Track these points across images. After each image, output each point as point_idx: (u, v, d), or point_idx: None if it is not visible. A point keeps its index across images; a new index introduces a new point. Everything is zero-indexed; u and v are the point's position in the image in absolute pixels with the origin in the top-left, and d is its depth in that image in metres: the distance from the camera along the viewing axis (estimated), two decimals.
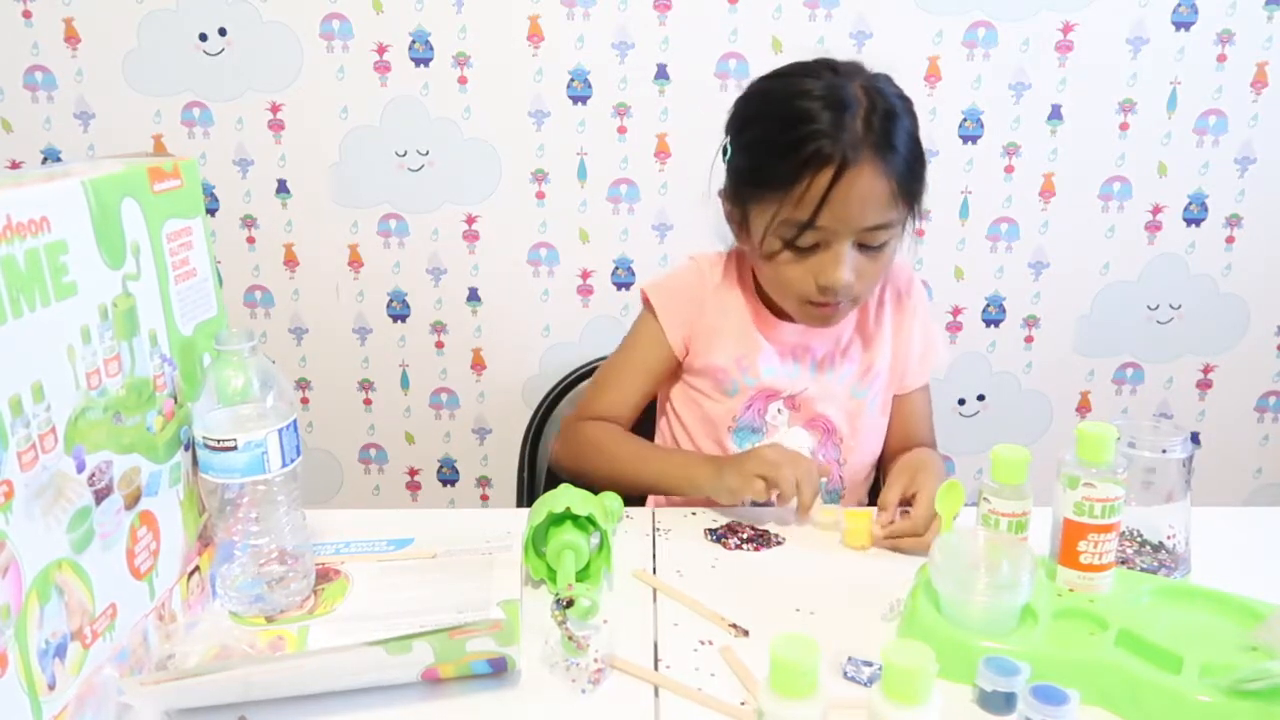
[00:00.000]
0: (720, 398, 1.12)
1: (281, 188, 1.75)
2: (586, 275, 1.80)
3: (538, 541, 0.86)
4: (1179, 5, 1.65)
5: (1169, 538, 0.84)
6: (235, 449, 0.74)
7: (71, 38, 1.66)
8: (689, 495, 1.03)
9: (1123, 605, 0.76)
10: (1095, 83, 1.69)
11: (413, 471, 1.93)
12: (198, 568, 0.79)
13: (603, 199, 1.75)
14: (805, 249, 0.99)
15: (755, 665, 0.73)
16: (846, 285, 0.99)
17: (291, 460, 0.77)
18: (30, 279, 0.58)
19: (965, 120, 1.72)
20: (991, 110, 1.71)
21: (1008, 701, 0.66)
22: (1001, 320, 1.84)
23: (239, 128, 1.71)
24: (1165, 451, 0.81)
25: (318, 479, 1.91)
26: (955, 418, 1.89)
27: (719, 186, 1.09)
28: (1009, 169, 1.74)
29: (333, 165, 1.73)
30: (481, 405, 1.88)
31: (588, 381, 1.30)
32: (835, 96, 0.96)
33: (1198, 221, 1.78)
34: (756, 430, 1.12)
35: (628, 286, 1.80)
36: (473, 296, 1.81)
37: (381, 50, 1.67)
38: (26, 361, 0.57)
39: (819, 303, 1.02)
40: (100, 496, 0.64)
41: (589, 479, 1.07)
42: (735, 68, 1.67)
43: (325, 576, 0.85)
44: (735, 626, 0.79)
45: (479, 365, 1.85)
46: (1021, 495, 0.80)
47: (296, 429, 0.77)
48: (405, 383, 1.87)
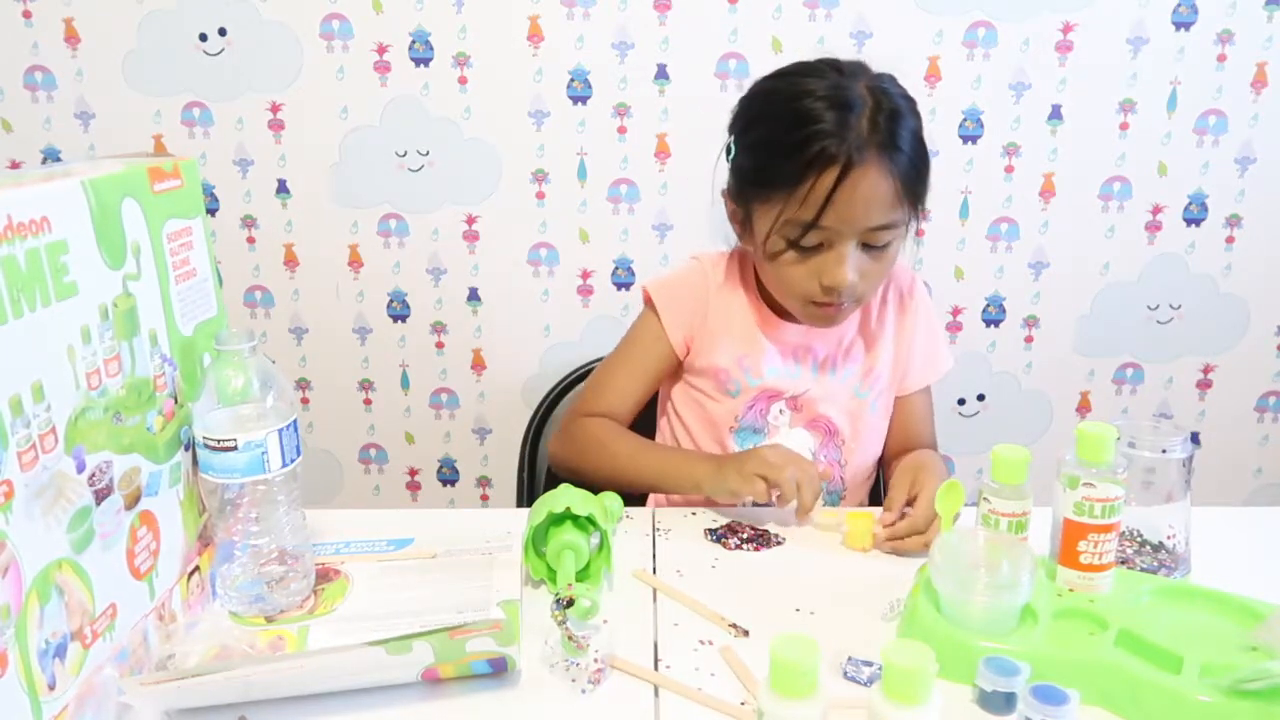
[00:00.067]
0: (722, 398, 1.12)
1: (281, 188, 1.75)
2: (586, 275, 1.80)
3: (538, 541, 0.86)
4: (1179, 5, 1.65)
5: (1169, 538, 0.84)
6: (235, 449, 0.74)
7: (71, 38, 1.66)
8: (688, 494, 1.03)
9: (1123, 605, 0.76)
10: (1095, 83, 1.69)
11: (413, 471, 1.93)
12: (198, 568, 0.79)
13: (603, 199, 1.75)
14: (809, 249, 0.99)
15: (755, 665, 0.73)
16: (850, 285, 0.99)
17: (291, 460, 0.77)
18: (30, 279, 0.58)
19: (965, 120, 1.71)
20: (991, 110, 1.71)
21: (1008, 701, 0.66)
22: (1001, 320, 1.84)
23: (239, 128, 1.71)
24: (1165, 451, 0.81)
25: (318, 479, 1.91)
26: (955, 418, 1.89)
27: (722, 186, 1.09)
28: (1009, 169, 1.74)
29: (333, 165, 1.73)
30: (481, 405, 1.88)
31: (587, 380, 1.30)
32: (840, 96, 0.95)
33: (1198, 221, 1.78)
34: (758, 431, 1.12)
35: (628, 286, 1.80)
36: (473, 296, 1.81)
37: (381, 50, 1.67)
38: (27, 361, 0.57)
39: (822, 303, 1.02)
40: (100, 496, 0.64)
41: (587, 475, 1.07)
42: (735, 68, 1.67)
43: (325, 576, 0.85)
44: (735, 626, 0.79)
45: (479, 365, 1.85)
46: (1021, 495, 0.80)
47: (296, 429, 0.77)
48: (405, 383, 1.87)
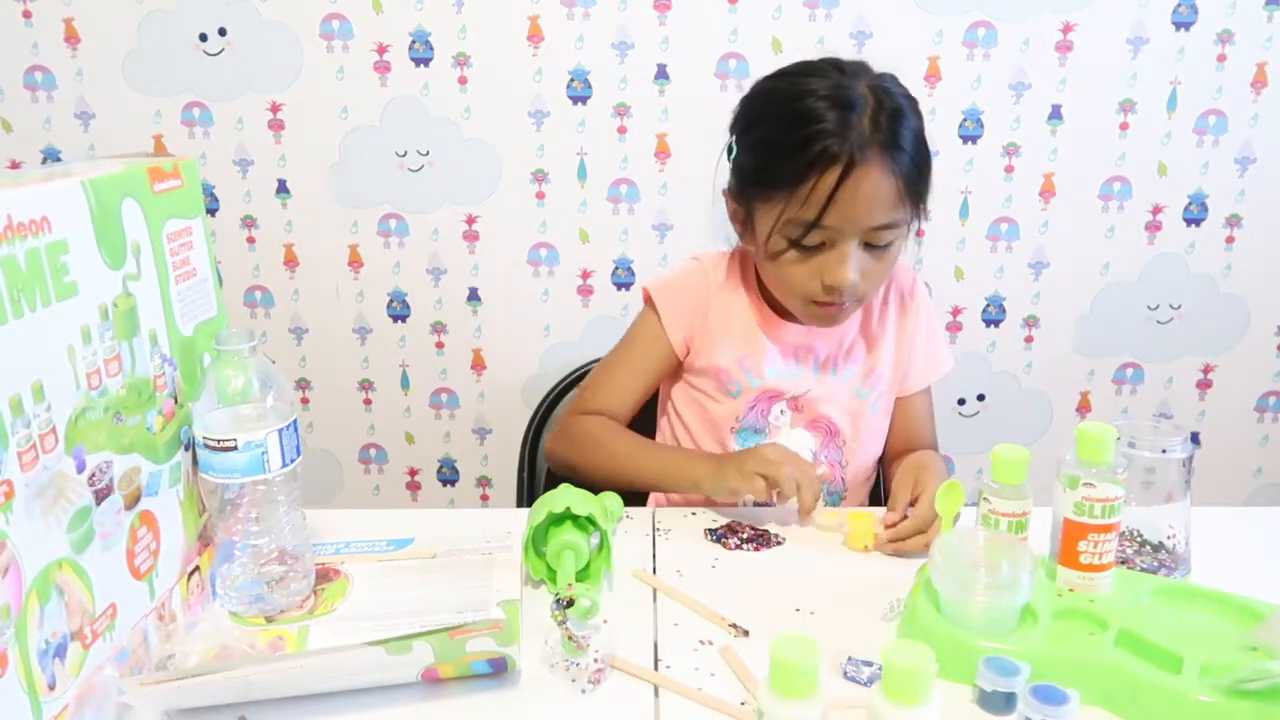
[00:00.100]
0: (723, 398, 1.12)
1: (281, 188, 1.75)
2: (586, 275, 1.80)
3: (538, 541, 0.86)
4: (1179, 5, 1.65)
5: (1169, 538, 0.84)
6: (235, 449, 0.74)
7: (71, 38, 1.66)
8: (687, 493, 1.03)
9: (1123, 605, 0.76)
10: (1095, 83, 1.69)
11: (413, 471, 1.93)
12: (198, 568, 0.79)
13: (603, 199, 1.75)
14: (811, 248, 0.99)
15: (755, 665, 0.73)
16: (852, 285, 0.99)
17: (291, 460, 0.77)
18: (30, 279, 0.58)
19: (965, 120, 1.71)
20: (991, 110, 1.71)
21: (1008, 701, 0.66)
22: (1001, 320, 1.84)
23: (239, 128, 1.71)
24: (1165, 451, 0.81)
25: (318, 479, 1.91)
26: (955, 418, 1.89)
27: (722, 186, 1.09)
28: (1009, 169, 1.74)
29: (333, 165, 1.73)
30: (481, 405, 1.88)
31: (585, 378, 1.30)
32: (842, 96, 0.95)
33: (1198, 221, 1.78)
34: (759, 431, 1.12)
35: (628, 286, 1.80)
36: (473, 296, 1.81)
37: (381, 50, 1.67)
38: (27, 361, 0.57)
39: (824, 302, 1.02)
40: (100, 496, 0.64)
41: (583, 473, 1.07)
42: (735, 68, 1.67)
43: (325, 576, 0.85)
44: (735, 626, 0.79)
45: (479, 365, 1.85)
46: (1021, 495, 0.80)
47: (296, 429, 0.77)
48: (405, 383, 1.87)
